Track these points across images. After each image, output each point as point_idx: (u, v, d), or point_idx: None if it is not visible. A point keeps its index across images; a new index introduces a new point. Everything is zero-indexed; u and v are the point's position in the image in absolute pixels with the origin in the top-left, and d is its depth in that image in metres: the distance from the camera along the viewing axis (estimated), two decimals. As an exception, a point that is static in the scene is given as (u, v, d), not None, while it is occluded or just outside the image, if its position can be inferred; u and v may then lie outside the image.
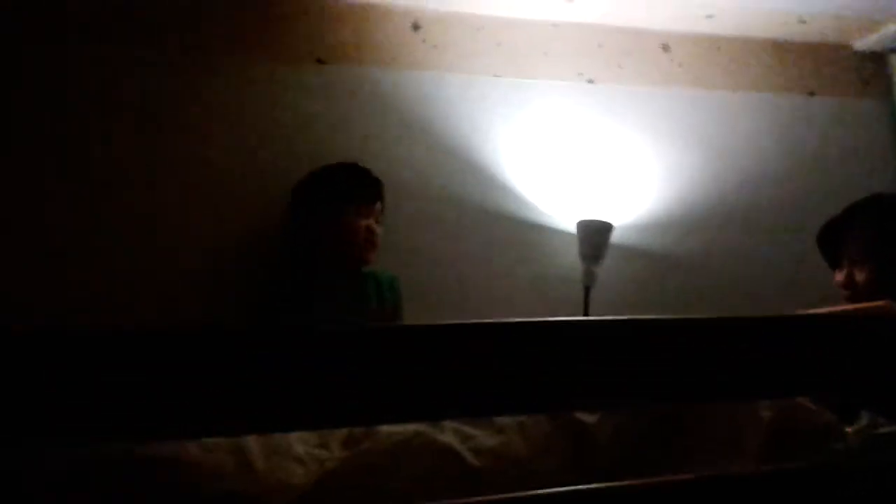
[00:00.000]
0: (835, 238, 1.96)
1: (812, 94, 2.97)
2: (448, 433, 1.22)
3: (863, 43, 3.02)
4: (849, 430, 1.21)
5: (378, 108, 2.53)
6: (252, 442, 1.16)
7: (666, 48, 2.86)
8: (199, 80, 2.42)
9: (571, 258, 2.53)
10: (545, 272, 2.55)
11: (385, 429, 1.19)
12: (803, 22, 2.83)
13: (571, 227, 2.55)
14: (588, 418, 1.27)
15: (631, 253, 2.65)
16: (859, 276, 1.85)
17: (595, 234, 2.45)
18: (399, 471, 1.13)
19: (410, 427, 1.20)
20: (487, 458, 1.17)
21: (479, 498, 1.06)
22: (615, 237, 2.55)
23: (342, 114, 2.49)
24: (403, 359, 0.89)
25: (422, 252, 2.47)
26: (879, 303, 1.65)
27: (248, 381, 0.83)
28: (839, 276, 1.93)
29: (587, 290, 2.45)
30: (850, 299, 1.87)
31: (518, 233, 2.57)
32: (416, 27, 2.62)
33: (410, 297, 2.34)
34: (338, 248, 2.18)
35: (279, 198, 2.29)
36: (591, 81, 2.76)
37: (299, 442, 1.20)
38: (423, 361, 0.90)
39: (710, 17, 2.76)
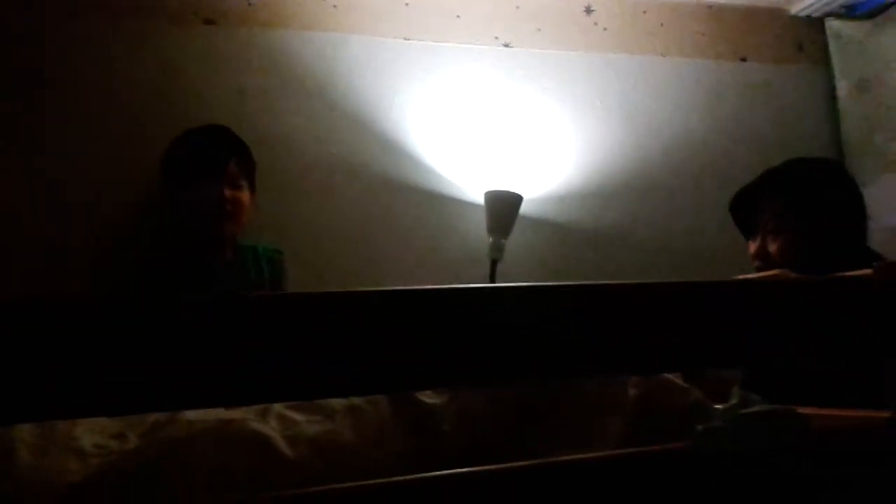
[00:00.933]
0: (748, 206, 1.83)
1: (744, 59, 2.83)
2: (271, 419, 1.08)
3: (800, 7, 2.89)
4: (718, 407, 1.08)
5: (273, 73, 2.36)
6: (27, 434, 1.00)
7: (588, 11, 2.71)
8: (80, 43, 2.24)
9: (479, 231, 2.38)
10: (450, 245, 2.40)
11: (189, 415, 1.04)
12: (737, -16, 2.70)
13: (479, 199, 2.40)
14: (431, 400, 1.13)
15: (544, 226, 2.51)
16: (772, 247, 1.72)
17: (503, 206, 2.31)
18: (193, 462, 0.98)
19: (222, 413, 1.05)
20: (306, 448, 1.02)
21: (283, 493, 0.92)
22: (527, 209, 2.41)
23: (233, 78, 2.33)
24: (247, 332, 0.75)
25: (320, 225, 2.32)
26: (774, 271, 1.52)
27: (104, 358, 0.70)
28: (752, 247, 1.80)
29: (494, 264, 2.31)
30: (761, 271, 1.73)
31: (422, 204, 2.41)
32: (316, -14, 2.44)
33: (306, 273, 2.19)
34: (189, 221, 2.00)
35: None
36: (507, 45, 2.61)
37: (91, 432, 1.04)
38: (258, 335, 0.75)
39: (635, -23, 2.62)
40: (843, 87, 2.82)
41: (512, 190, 2.35)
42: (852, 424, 1.07)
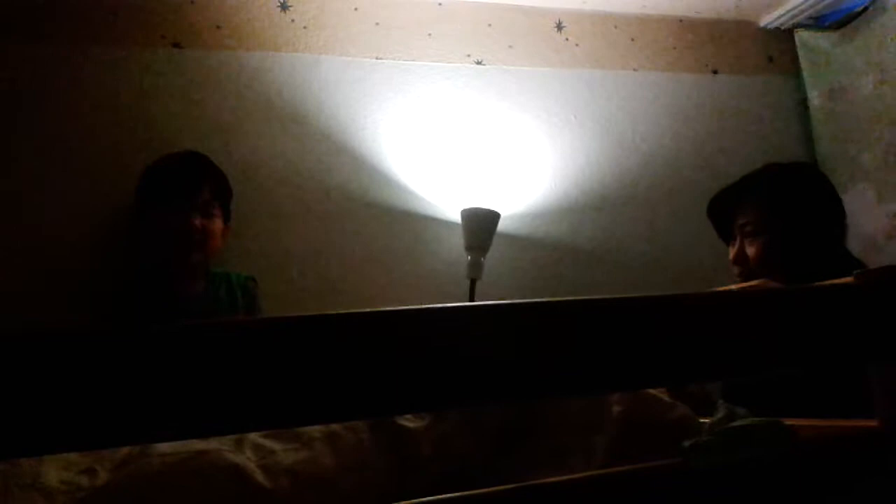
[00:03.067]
0: (725, 210, 1.82)
1: (716, 72, 2.85)
2: (247, 449, 1.04)
3: (769, 19, 2.92)
4: (704, 422, 1.06)
5: (243, 95, 2.34)
6: (-6, 474, 0.96)
7: (559, 27, 2.71)
8: (48, 68, 2.21)
9: (456, 249, 2.36)
10: (428, 265, 2.37)
11: (163, 447, 1.01)
12: (706, -3, 2.72)
13: (456, 217, 2.38)
14: (411, 424, 1.10)
15: (522, 242, 2.48)
16: (749, 251, 1.70)
17: (480, 223, 2.28)
18: (166, 497, 0.94)
19: (195, 444, 1.01)
20: (284, 477, 0.99)
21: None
22: (504, 226, 2.39)
23: (203, 102, 2.29)
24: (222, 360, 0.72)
25: (293, 249, 2.28)
26: (756, 281, 1.51)
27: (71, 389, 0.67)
28: (731, 251, 1.78)
29: (473, 282, 2.28)
30: (742, 276, 1.72)
31: (398, 223, 2.38)
32: (284, 7, 2.43)
33: (280, 299, 2.15)
34: (158, 249, 1.96)
35: (130, 194, 2.07)
36: (479, 63, 2.60)
37: (58, 468, 1.00)
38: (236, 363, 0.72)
39: (605, -8, 2.63)
40: (814, 97, 2.84)
41: (489, 207, 2.33)
42: (838, 434, 1.05)
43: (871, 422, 1.00)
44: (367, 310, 0.79)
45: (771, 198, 1.71)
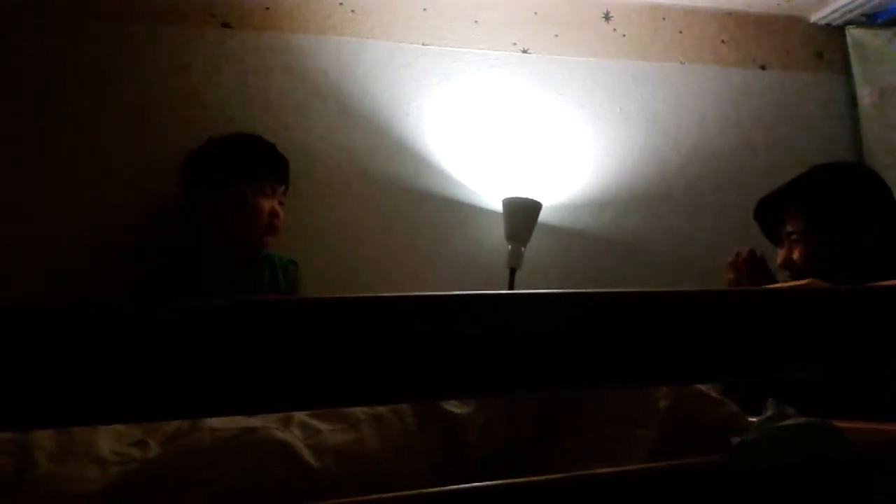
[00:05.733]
0: (773, 214, 1.80)
1: (763, 67, 2.81)
2: (294, 428, 1.05)
3: (819, 15, 2.87)
4: (752, 420, 1.05)
5: (290, 77, 2.35)
6: (46, 440, 0.98)
7: (607, 17, 2.69)
8: (97, 44, 2.23)
9: (497, 238, 2.36)
10: (468, 253, 2.37)
11: (213, 422, 1.02)
12: (756, -9, 2.68)
13: (497, 206, 2.38)
14: (457, 409, 1.10)
15: (562, 233, 2.48)
16: (796, 255, 1.68)
17: (522, 213, 2.28)
18: (216, 471, 0.96)
19: (244, 421, 1.03)
20: (330, 457, 1.00)
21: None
22: (546, 217, 2.38)
23: (251, 82, 2.31)
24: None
25: (336, 233, 2.29)
26: (805, 281, 1.49)
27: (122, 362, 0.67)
28: (779, 255, 1.76)
29: (513, 272, 2.28)
30: (790, 280, 1.70)
31: (440, 211, 2.38)
32: (332, -10, 2.43)
33: (322, 281, 2.17)
34: (237, 230, 1.97)
35: (177, 169, 2.09)
36: (525, 51, 2.59)
37: (111, 439, 1.02)
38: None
39: (653, -17, 2.60)
40: (864, 96, 2.79)
41: (531, 197, 2.32)
42: (889, 438, 1.04)
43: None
44: (407, 293, 0.79)
45: (817, 203, 1.68)
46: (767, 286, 1.44)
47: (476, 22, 2.55)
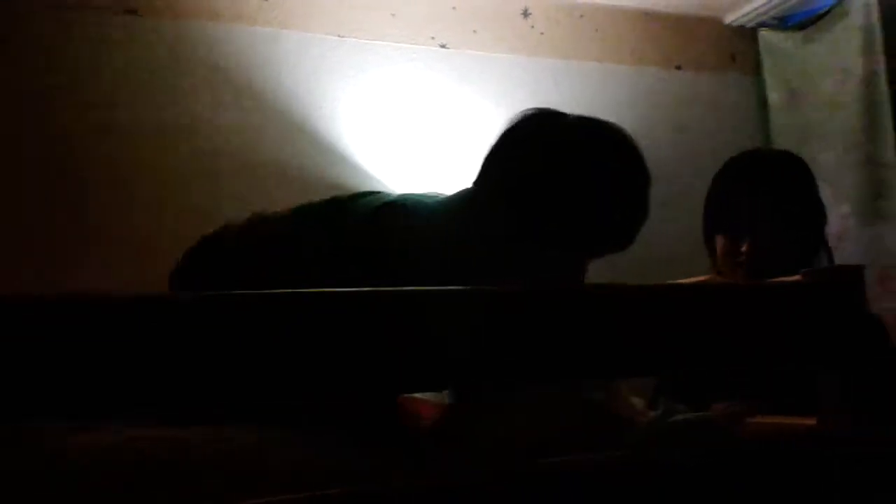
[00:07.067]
0: (719, 202, 1.67)
1: (679, 67, 2.85)
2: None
3: (733, 17, 2.93)
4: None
5: (201, 67, 2.28)
6: None
7: (526, 14, 2.69)
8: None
9: (412, 234, 2.33)
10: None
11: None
12: (673, -8, 2.72)
13: (414, 202, 2.35)
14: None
15: (480, 230, 2.46)
16: (744, 247, 1.56)
17: (437, 209, 2.26)
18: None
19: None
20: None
21: None
22: (463, 213, 2.37)
23: (157, 72, 2.23)
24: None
25: (246, 226, 2.23)
26: (704, 276, 1.49)
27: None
28: (721, 244, 1.62)
29: (426, 268, 2.26)
30: (739, 269, 1.58)
31: (355, 207, 2.34)
32: (245, -22, 2.37)
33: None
34: None
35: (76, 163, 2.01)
36: (443, 46, 2.57)
37: None
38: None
39: (574, -18, 2.61)
40: (774, 97, 2.87)
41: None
42: (778, 432, 1.05)
43: (811, 420, 1.00)
44: (319, 289, 0.76)
45: (764, 192, 1.57)
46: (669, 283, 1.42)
47: (394, 15, 2.52)
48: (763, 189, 1.58)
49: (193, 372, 0.68)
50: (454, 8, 2.60)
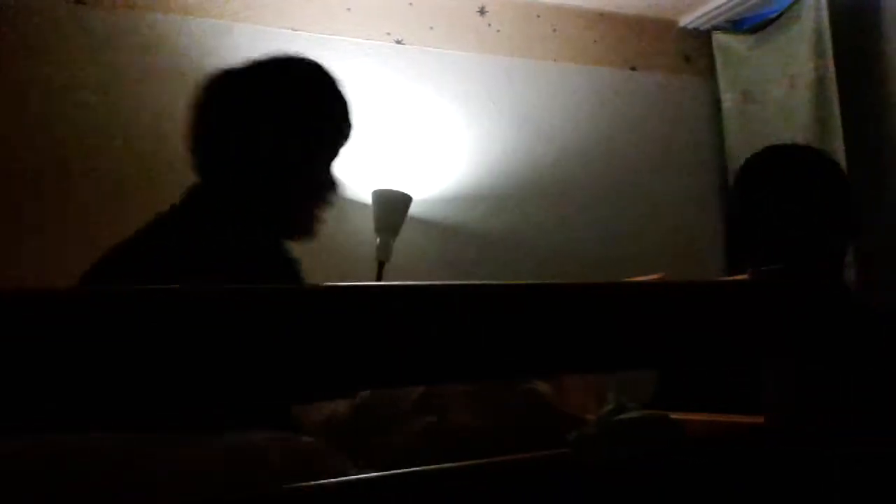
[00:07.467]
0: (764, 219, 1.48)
1: (634, 68, 2.87)
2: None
3: (688, 19, 2.95)
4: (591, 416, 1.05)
5: (149, 59, 2.22)
6: None
7: (482, 12, 2.68)
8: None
9: (366, 231, 2.31)
10: (335, 244, 2.31)
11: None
12: (629, -7, 2.73)
13: (367, 198, 2.33)
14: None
15: (433, 227, 2.46)
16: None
17: (391, 206, 2.24)
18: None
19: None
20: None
21: None
22: (417, 210, 2.36)
23: (105, 65, 2.17)
24: None
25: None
26: (656, 275, 1.50)
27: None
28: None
29: (381, 264, 2.24)
30: None
31: (307, 202, 2.31)
32: (195, -31, 2.32)
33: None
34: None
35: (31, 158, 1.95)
36: (399, 42, 2.55)
37: None
38: None
39: (529, -20, 2.61)
40: (727, 99, 2.89)
41: (401, 190, 2.28)
42: (725, 429, 1.05)
43: (758, 417, 1.00)
44: (274, 285, 0.74)
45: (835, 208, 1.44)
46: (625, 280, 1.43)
47: (349, 10, 2.50)
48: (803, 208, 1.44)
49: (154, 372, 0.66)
50: (411, 4, 2.58)
